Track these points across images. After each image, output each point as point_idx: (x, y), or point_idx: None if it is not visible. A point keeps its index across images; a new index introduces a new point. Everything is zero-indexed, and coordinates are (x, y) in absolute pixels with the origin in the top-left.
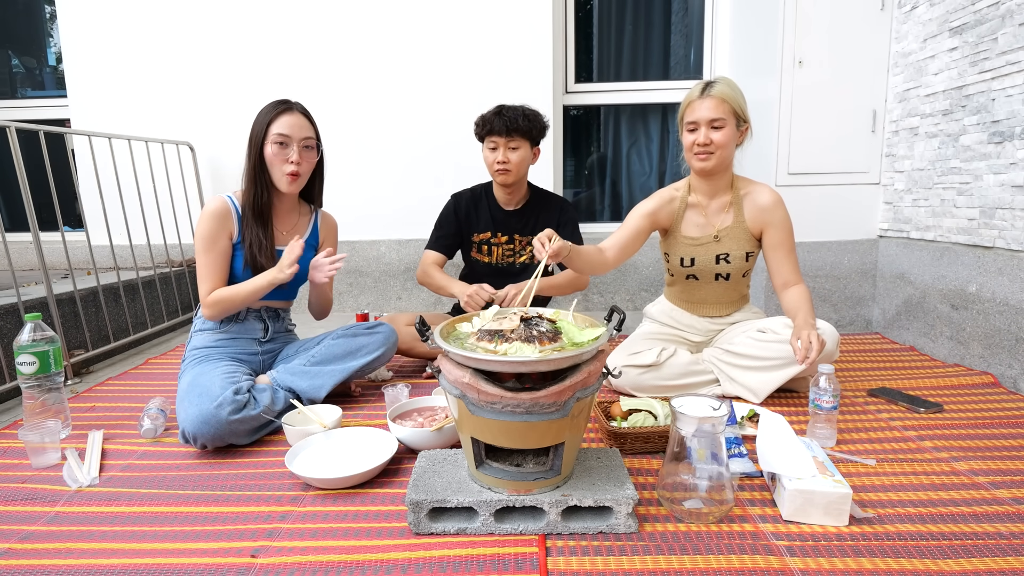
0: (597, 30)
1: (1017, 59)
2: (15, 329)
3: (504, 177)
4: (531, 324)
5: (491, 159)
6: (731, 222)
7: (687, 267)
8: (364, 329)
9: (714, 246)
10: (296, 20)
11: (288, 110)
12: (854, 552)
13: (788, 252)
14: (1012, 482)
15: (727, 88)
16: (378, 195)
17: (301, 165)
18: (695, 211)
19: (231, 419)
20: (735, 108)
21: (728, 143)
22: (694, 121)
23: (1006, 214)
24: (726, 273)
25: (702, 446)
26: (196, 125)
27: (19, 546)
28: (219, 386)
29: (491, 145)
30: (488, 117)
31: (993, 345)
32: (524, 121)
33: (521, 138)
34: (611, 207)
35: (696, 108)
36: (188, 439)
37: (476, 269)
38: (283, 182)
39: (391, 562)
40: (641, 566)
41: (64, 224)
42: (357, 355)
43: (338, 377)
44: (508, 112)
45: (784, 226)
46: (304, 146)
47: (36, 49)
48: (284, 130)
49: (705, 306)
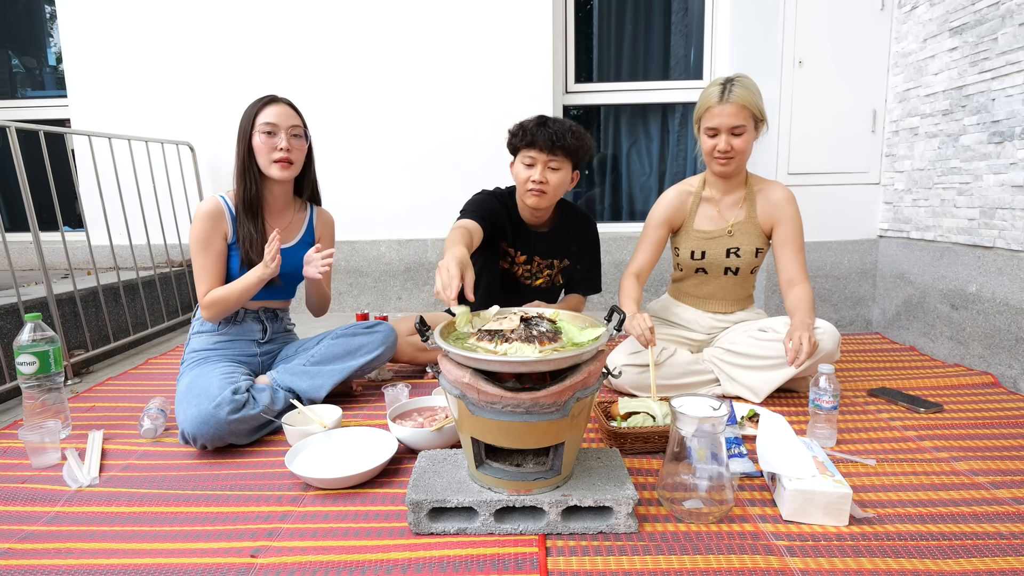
0: (597, 30)
1: (1017, 59)
2: (15, 329)
3: (537, 200)
4: (531, 324)
5: (524, 176)
6: (743, 217)
7: (697, 260)
8: (363, 328)
9: (726, 240)
10: (296, 20)
11: (274, 101)
12: (854, 552)
13: (796, 250)
14: (1012, 482)
15: (746, 92)
16: (378, 195)
17: (291, 152)
18: (708, 205)
19: (230, 419)
20: (754, 111)
21: (748, 147)
22: (714, 127)
23: (1006, 214)
24: (735, 267)
25: (702, 446)
26: (196, 125)
27: (19, 546)
28: (217, 386)
29: (527, 160)
30: (529, 127)
31: (993, 345)
32: (572, 138)
33: (565, 157)
34: (611, 207)
35: (716, 114)
36: (188, 440)
37: (495, 275)
38: (273, 169)
39: (391, 562)
40: (641, 566)
41: (64, 224)
42: (356, 354)
43: (338, 377)
44: (554, 125)
45: (794, 223)
46: (292, 134)
47: (36, 49)
48: (271, 119)
49: (712, 301)
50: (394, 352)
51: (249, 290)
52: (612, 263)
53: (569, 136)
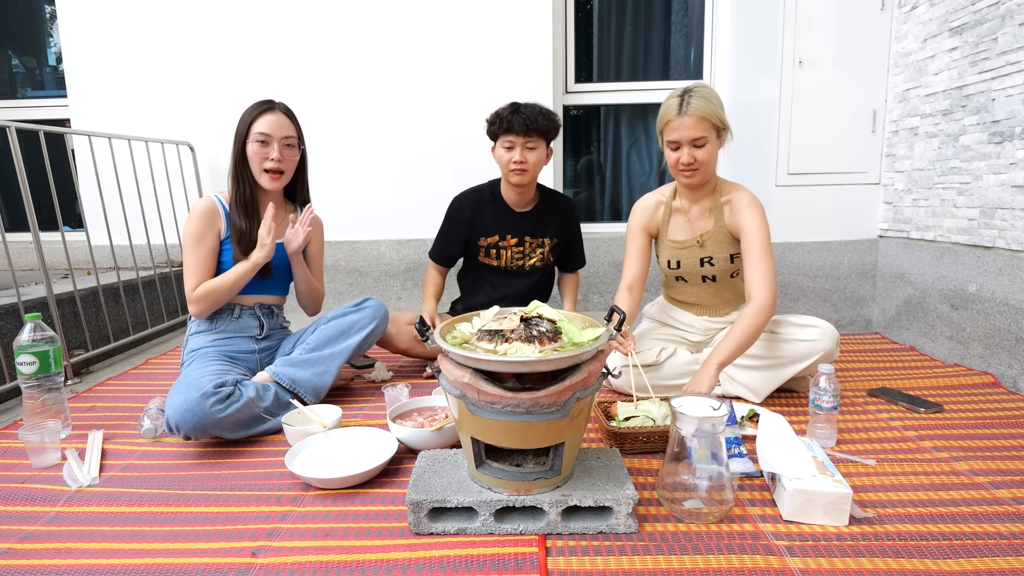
0: (597, 30)
1: (1017, 59)
2: (15, 329)
3: (520, 177)
4: (531, 324)
5: (506, 159)
6: (712, 227)
7: (674, 269)
8: (352, 307)
9: (697, 250)
10: (296, 20)
11: (270, 109)
12: (854, 552)
13: (758, 257)
14: (1012, 482)
15: (703, 102)
16: (378, 195)
17: (283, 163)
18: (680, 215)
19: (213, 410)
20: (714, 121)
21: (711, 158)
22: (675, 141)
23: (1006, 214)
24: (712, 275)
25: (702, 446)
26: (196, 125)
27: (19, 546)
28: (208, 380)
29: (507, 144)
30: (505, 115)
31: (993, 345)
32: (543, 120)
33: (539, 137)
34: (611, 207)
35: (675, 128)
36: (172, 428)
37: (482, 274)
38: (264, 179)
39: (391, 562)
40: (641, 566)
41: (64, 224)
42: (350, 333)
43: (339, 360)
44: (526, 110)
45: (755, 231)
46: (285, 144)
47: (36, 49)
48: (265, 129)
49: (699, 307)
50: (386, 326)
51: (243, 277)
52: (612, 263)
53: (541, 119)
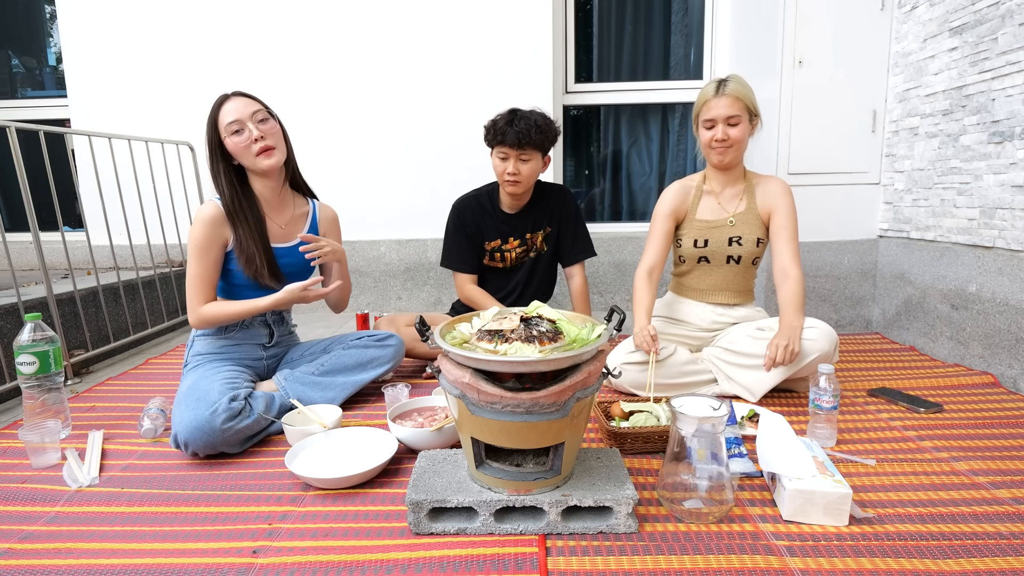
0: (597, 30)
1: (1017, 59)
2: (15, 329)
3: (514, 188)
4: (531, 324)
5: (501, 169)
6: (744, 208)
7: (700, 248)
8: (375, 341)
9: (728, 229)
10: (296, 21)
11: (226, 99)
12: (854, 552)
13: (790, 238)
14: (1012, 482)
15: (739, 86)
16: (378, 195)
17: (267, 138)
18: (709, 197)
19: (224, 427)
20: (748, 104)
21: (744, 137)
22: (711, 119)
23: (1006, 214)
24: (737, 256)
25: (702, 446)
26: (196, 125)
27: (19, 546)
28: (218, 392)
29: (501, 155)
30: (500, 127)
31: (993, 345)
32: (537, 134)
33: (533, 150)
34: (611, 207)
35: (712, 106)
36: (179, 444)
37: (487, 276)
38: (259, 161)
39: (391, 562)
40: (641, 566)
41: (64, 224)
42: (368, 367)
43: (350, 390)
44: (520, 123)
45: (789, 212)
46: (258, 120)
47: (36, 49)
48: (232, 116)
49: (715, 293)
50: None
51: (255, 312)
52: (612, 263)
53: (534, 132)
